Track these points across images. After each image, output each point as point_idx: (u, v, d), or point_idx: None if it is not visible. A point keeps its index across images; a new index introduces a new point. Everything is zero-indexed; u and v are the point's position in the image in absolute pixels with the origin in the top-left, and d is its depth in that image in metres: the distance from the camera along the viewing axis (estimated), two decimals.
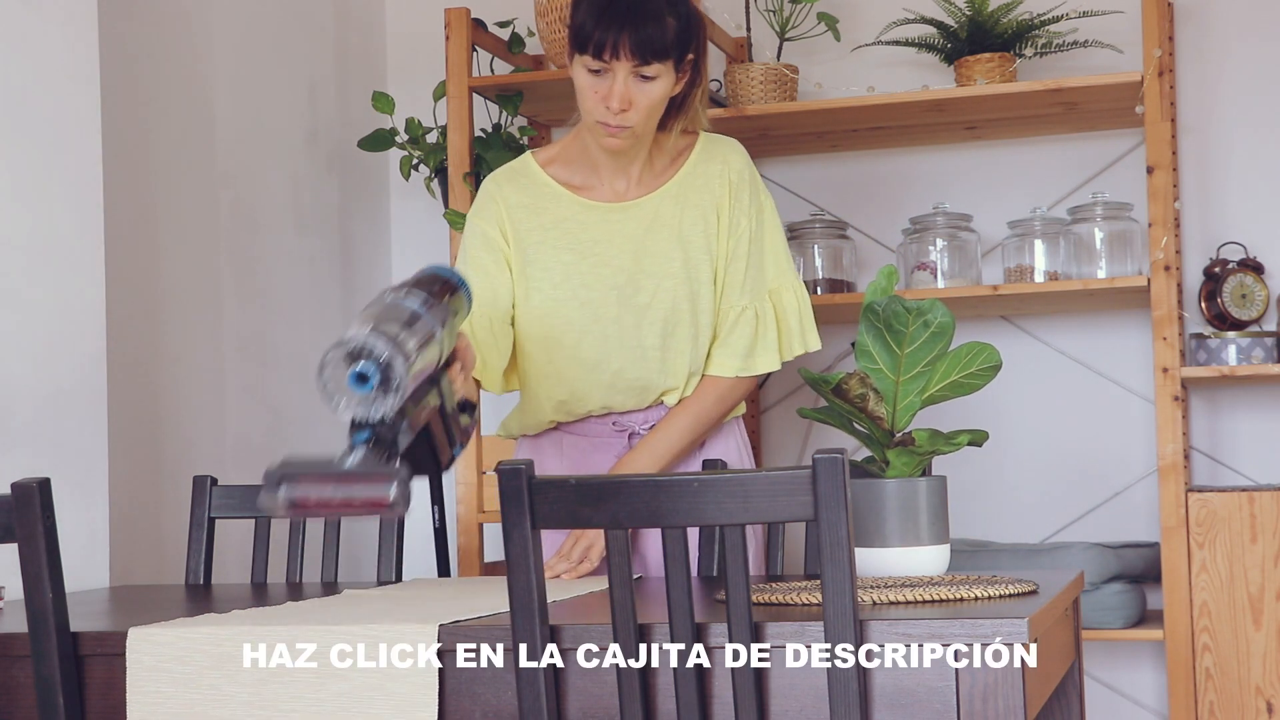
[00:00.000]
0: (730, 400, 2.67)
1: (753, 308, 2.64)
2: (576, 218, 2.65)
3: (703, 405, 2.64)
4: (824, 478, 1.70)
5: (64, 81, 2.78)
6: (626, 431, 2.67)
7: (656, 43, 2.47)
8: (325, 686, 1.83)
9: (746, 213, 2.65)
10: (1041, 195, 3.91)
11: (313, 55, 3.98)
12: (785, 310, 2.67)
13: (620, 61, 2.48)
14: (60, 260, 2.75)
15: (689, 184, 2.65)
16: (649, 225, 2.63)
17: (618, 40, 2.46)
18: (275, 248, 3.80)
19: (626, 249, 2.63)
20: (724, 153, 2.67)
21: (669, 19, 2.49)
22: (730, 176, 2.65)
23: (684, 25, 2.52)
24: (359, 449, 1.85)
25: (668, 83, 2.53)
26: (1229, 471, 3.79)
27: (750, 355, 2.64)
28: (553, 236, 2.64)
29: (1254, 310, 3.67)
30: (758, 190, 2.68)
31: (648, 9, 2.47)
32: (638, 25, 2.46)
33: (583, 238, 2.63)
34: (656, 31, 2.47)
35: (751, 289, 2.65)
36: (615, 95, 2.49)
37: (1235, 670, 3.42)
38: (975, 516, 3.92)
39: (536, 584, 1.77)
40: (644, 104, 2.51)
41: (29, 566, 1.91)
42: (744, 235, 2.64)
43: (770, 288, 2.66)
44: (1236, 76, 3.81)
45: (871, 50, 3.95)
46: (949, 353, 2.13)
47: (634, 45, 2.46)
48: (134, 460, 3.23)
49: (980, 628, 1.72)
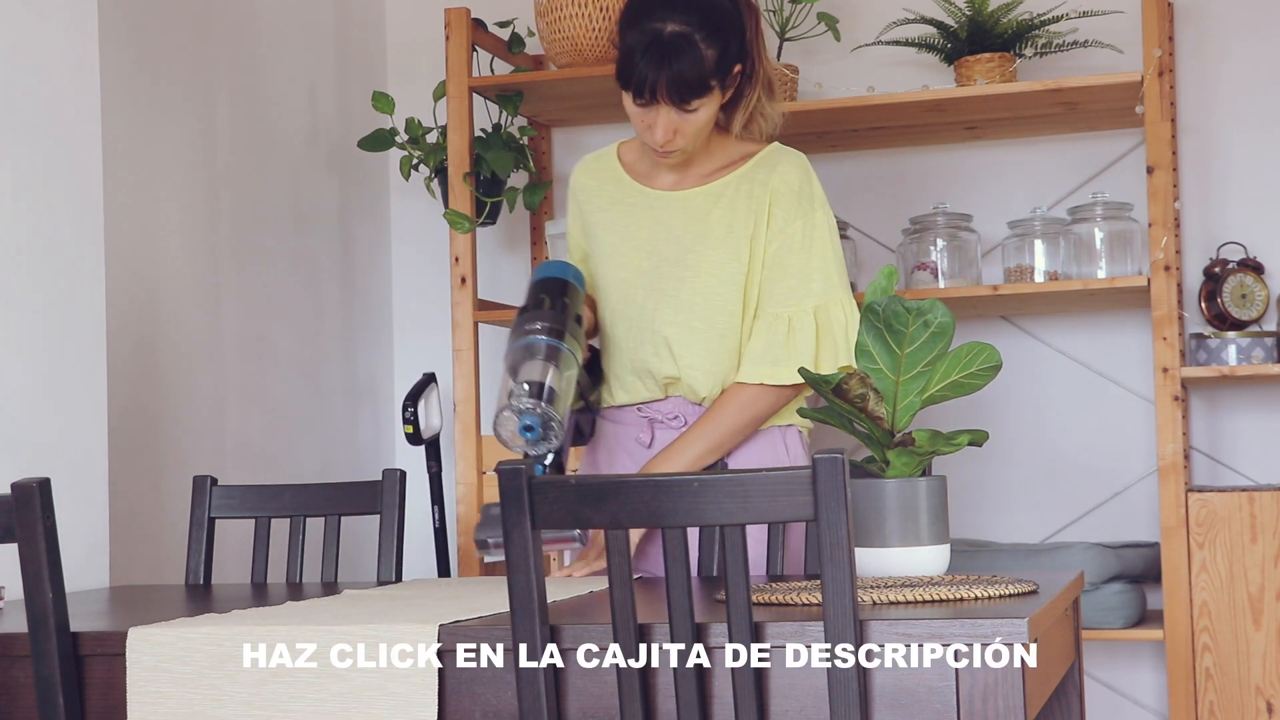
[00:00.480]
0: (753, 410, 2.61)
1: (786, 316, 2.60)
2: (628, 201, 2.71)
3: (723, 413, 2.60)
4: (824, 478, 1.70)
5: (64, 81, 2.78)
6: (648, 418, 2.69)
7: (694, 80, 2.50)
8: (325, 686, 1.83)
9: (793, 222, 2.62)
10: (1041, 195, 3.91)
11: (313, 55, 3.98)
12: (832, 325, 2.61)
13: (660, 102, 2.51)
14: (60, 260, 2.75)
15: (739, 186, 2.65)
16: (688, 218, 2.66)
17: (656, 82, 2.49)
18: (275, 248, 3.80)
19: (662, 237, 2.66)
20: (780, 161, 2.66)
21: (708, 52, 2.50)
22: (777, 185, 2.63)
23: (726, 47, 2.53)
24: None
25: (713, 106, 2.56)
26: (1229, 471, 3.79)
27: (777, 364, 2.58)
28: (607, 219, 2.71)
29: (1254, 310, 3.67)
30: (813, 203, 2.64)
31: (682, 50, 2.49)
32: (674, 65, 2.48)
33: (629, 222, 2.69)
34: (693, 69, 2.49)
35: (790, 298, 2.60)
36: (660, 129, 2.54)
37: (1235, 670, 3.42)
38: (975, 516, 3.92)
39: (536, 584, 1.77)
40: (689, 131, 2.56)
41: (29, 566, 1.91)
42: (787, 244, 2.61)
43: (817, 302, 2.61)
44: (1236, 76, 3.81)
45: (871, 50, 3.95)
46: (949, 353, 2.13)
47: (671, 87, 2.50)
48: (134, 460, 3.23)
49: (980, 628, 1.72)
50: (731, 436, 2.61)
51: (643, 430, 2.69)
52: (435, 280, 4.20)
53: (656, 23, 2.50)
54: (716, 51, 2.52)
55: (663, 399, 2.68)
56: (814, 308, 2.61)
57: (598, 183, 2.75)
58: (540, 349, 2.37)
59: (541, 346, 2.38)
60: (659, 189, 2.70)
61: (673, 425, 2.67)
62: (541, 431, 2.31)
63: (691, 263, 2.63)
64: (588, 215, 2.75)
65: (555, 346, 2.38)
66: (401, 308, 4.28)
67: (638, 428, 2.69)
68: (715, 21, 2.52)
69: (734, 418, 2.61)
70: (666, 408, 2.68)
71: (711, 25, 2.51)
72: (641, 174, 2.72)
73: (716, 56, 2.52)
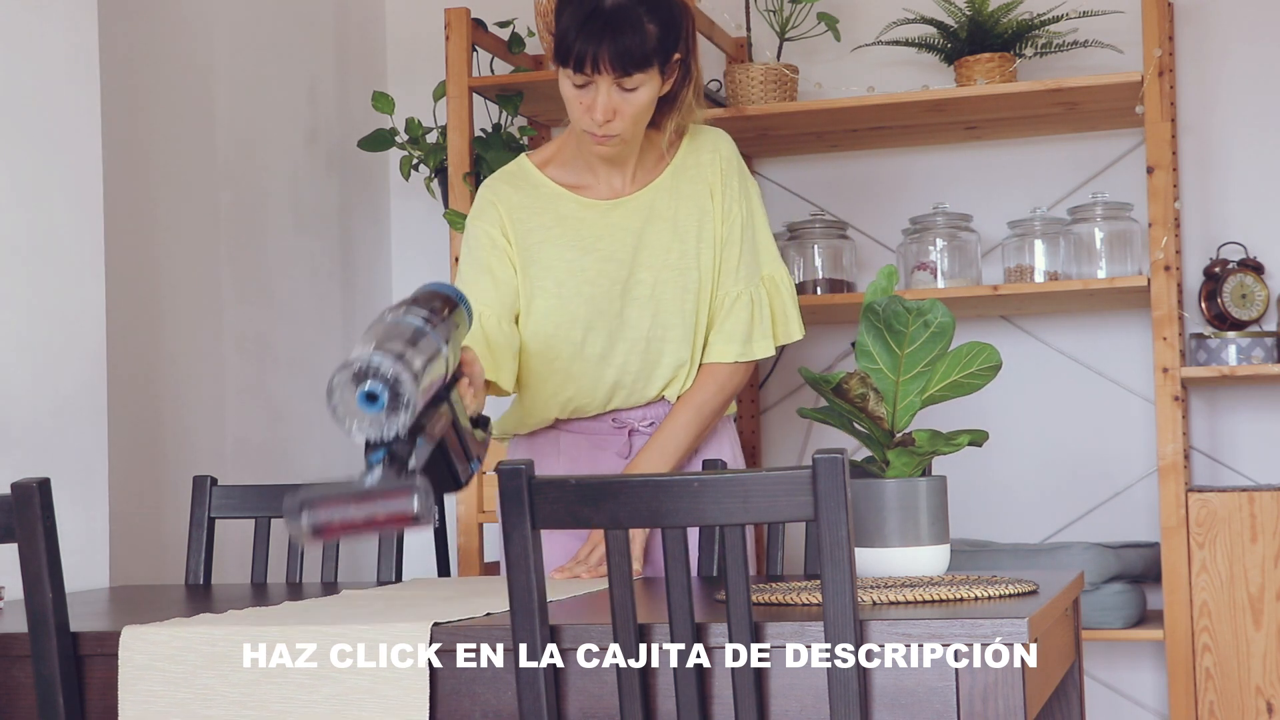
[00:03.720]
0: (730, 388, 2.67)
1: (748, 293, 2.65)
2: (576, 215, 2.66)
3: (704, 395, 2.65)
4: (824, 478, 1.70)
5: (64, 81, 2.78)
6: (626, 428, 2.68)
7: (636, 54, 2.47)
8: (317, 688, 1.83)
9: (738, 199, 2.66)
10: (1041, 195, 3.91)
11: (313, 55, 3.98)
12: (781, 293, 2.69)
13: (602, 75, 2.48)
14: (60, 260, 2.75)
15: (681, 174, 2.66)
16: (647, 218, 2.64)
17: (598, 54, 2.46)
18: (275, 248, 3.80)
19: (627, 243, 2.64)
20: (713, 141, 2.69)
21: (649, 26, 2.49)
22: (720, 164, 2.67)
23: (666, 29, 2.51)
24: (375, 468, 1.85)
25: (652, 89, 2.53)
26: (1229, 471, 3.79)
27: (748, 341, 2.65)
28: (555, 235, 2.65)
29: (1254, 310, 3.67)
30: (746, 178, 2.70)
31: (626, 20, 2.47)
32: (616, 37, 2.46)
33: (585, 234, 2.64)
34: (636, 42, 2.47)
35: (746, 275, 2.66)
36: (599, 107, 2.50)
37: (1235, 670, 3.41)
38: (975, 516, 3.92)
39: (536, 584, 1.77)
40: (629, 113, 2.52)
41: (29, 566, 1.91)
42: (737, 221, 2.66)
43: (764, 274, 2.68)
44: (1236, 76, 3.81)
45: (871, 50, 3.95)
46: (949, 353, 2.13)
47: (613, 58, 2.46)
48: (134, 460, 3.23)
49: (980, 628, 1.72)
50: (713, 418, 2.67)
51: (620, 438, 2.68)
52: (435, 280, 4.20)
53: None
54: (658, 28, 2.49)
55: (644, 405, 2.68)
56: (765, 281, 2.68)
57: (530, 199, 2.67)
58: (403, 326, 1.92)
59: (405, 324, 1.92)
60: (604, 199, 2.66)
61: (648, 432, 2.67)
62: (386, 406, 1.81)
63: (661, 261, 2.63)
64: (526, 234, 2.65)
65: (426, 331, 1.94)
66: None
67: (615, 437, 2.69)
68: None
69: (715, 399, 2.65)
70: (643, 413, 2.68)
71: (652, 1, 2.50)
72: (576, 186, 2.68)
73: (659, 34, 2.49)
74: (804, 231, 3.83)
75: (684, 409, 2.64)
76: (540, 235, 2.65)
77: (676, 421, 2.63)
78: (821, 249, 3.82)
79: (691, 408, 2.64)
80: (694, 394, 2.65)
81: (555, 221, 2.66)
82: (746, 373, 2.69)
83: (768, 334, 2.66)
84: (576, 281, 2.63)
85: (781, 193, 4.08)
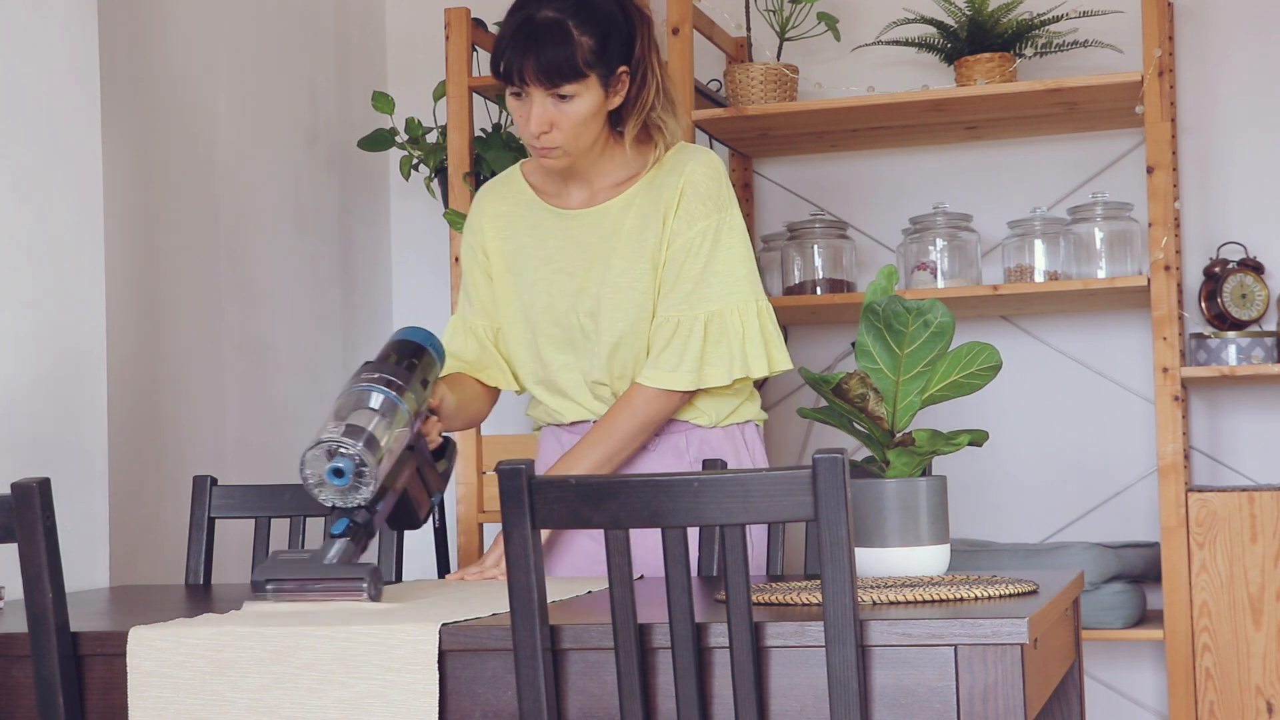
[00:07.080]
0: (645, 414, 2.55)
1: (674, 319, 2.55)
2: (544, 224, 2.65)
3: (617, 418, 2.55)
4: (824, 478, 1.70)
5: (64, 81, 2.78)
6: None
7: (564, 65, 2.45)
8: (326, 694, 1.83)
9: (695, 224, 2.56)
10: (1041, 195, 3.91)
11: (313, 55, 3.98)
12: (727, 333, 2.54)
13: (530, 86, 2.47)
14: (60, 260, 2.75)
15: (646, 193, 2.60)
16: (604, 233, 2.60)
17: (522, 67, 2.45)
18: (275, 248, 3.80)
19: (582, 256, 2.61)
20: (688, 161, 2.59)
21: (582, 38, 2.45)
22: (683, 185, 2.57)
23: (605, 39, 2.48)
24: (338, 542, 2.13)
25: (591, 100, 2.49)
26: (1229, 471, 3.79)
27: (675, 370, 2.53)
28: (526, 244, 2.65)
29: (1254, 310, 3.67)
30: (719, 204, 2.58)
31: (553, 33, 2.45)
32: (541, 50, 2.44)
33: (549, 244, 2.63)
34: (562, 54, 2.44)
35: (684, 303, 2.54)
36: (533, 119, 2.48)
37: (1235, 670, 3.42)
38: (975, 516, 3.92)
39: (536, 584, 1.77)
40: (566, 125, 2.49)
41: (29, 566, 1.91)
42: (687, 246, 2.55)
43: (712, 308, 2.54)
44: (1236, 76, 3.81)
45: (871, 50, 3.95)
46: (949, 353, 2.13)
47: (538, 70, 2.45)
48: (134, 460, 3.23)
49: (980, 628, 1.72)
50: (627, 441, 2.55)
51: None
52: (435, 280, 4.20)
53: (530, 10, 2.48)
54: (593, 41, 2.46)
55: None
56: (707, 315, 2.54)
57: (509, 207, 2.67)
58: (369, 397, 2.19)
59: (371, 395, 2.19)
60: (570, 208, 2.64)
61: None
62: (352, 479, 2.10)
63: (615, 279, 2.58)
64: (502, 243, 2.65)
65: (389, 398, 2.19)
66: (401, 308, 4.28)
67: None
68: (590, 12, 2.48)
69: (627, 422, 2.55)
70: None
71: (586, 13, 2.47)
72: (550, 194, 2.66)
73: (594, 46, 2.46)
74: (804, 231, 3.83)
75: (595, 429, 2.56)
76: (514, 244, 2.66)
77: (585, 440, 2.56)
78: (821, 249, 3.82)
79: (600, 428, 2.56)
80: (609, 414, 2.56)
81: (527, 229, 2.66)
82: (669, 400, 2.55)
83: (690, 367, 2.53)
84: (538, 291, 2.63)
85: (781, 193, 4.08)
